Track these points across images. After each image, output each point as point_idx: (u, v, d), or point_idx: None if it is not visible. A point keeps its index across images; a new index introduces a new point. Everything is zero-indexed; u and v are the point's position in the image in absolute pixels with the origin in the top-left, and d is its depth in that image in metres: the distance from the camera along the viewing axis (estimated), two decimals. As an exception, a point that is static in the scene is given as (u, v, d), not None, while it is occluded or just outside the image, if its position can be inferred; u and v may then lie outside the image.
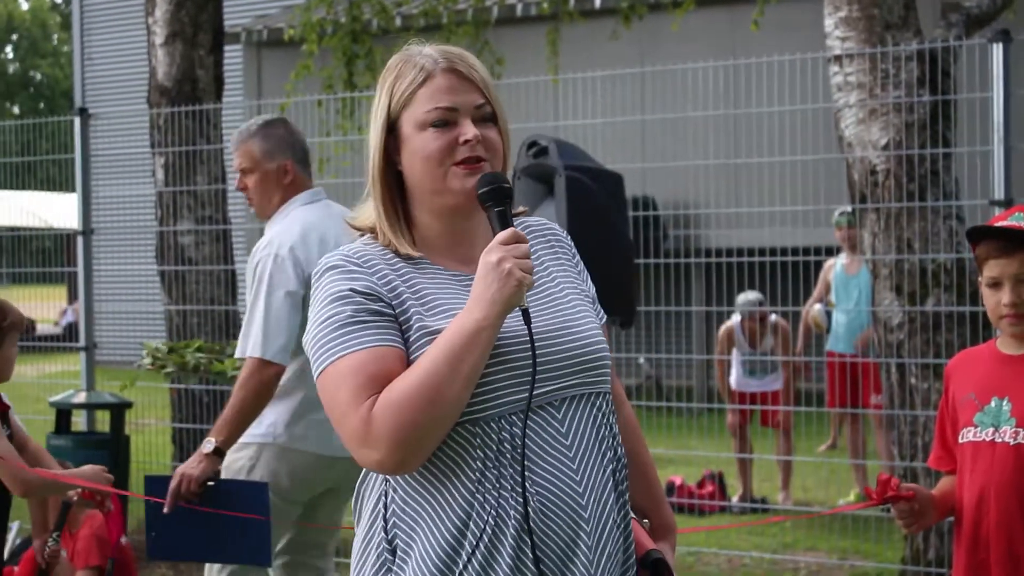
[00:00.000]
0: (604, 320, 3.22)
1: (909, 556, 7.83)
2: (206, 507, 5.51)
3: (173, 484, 5.50)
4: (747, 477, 11.37)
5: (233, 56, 20.18)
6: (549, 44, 14.67)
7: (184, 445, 9.88)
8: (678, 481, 11.03)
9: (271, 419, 5.78)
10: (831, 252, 11.41)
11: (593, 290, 3.25)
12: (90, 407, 9.88)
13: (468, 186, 3.02)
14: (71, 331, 17.55)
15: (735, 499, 11.24)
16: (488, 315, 2.88)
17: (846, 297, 11.30)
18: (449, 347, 2.87)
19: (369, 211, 3.14)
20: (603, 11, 17.51)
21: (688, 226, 14.25)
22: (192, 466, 5.53)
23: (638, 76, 15.28)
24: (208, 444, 5.55)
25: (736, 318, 11.44)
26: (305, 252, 5.72)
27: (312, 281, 3.08)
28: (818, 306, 11.68)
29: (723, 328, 11.59)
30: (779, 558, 9.17)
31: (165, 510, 5.52)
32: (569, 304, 3.11)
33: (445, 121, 3.03)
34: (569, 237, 3.29)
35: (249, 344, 5.63)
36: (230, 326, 10.08)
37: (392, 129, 3.07)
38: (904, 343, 7.75)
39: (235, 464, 5.82)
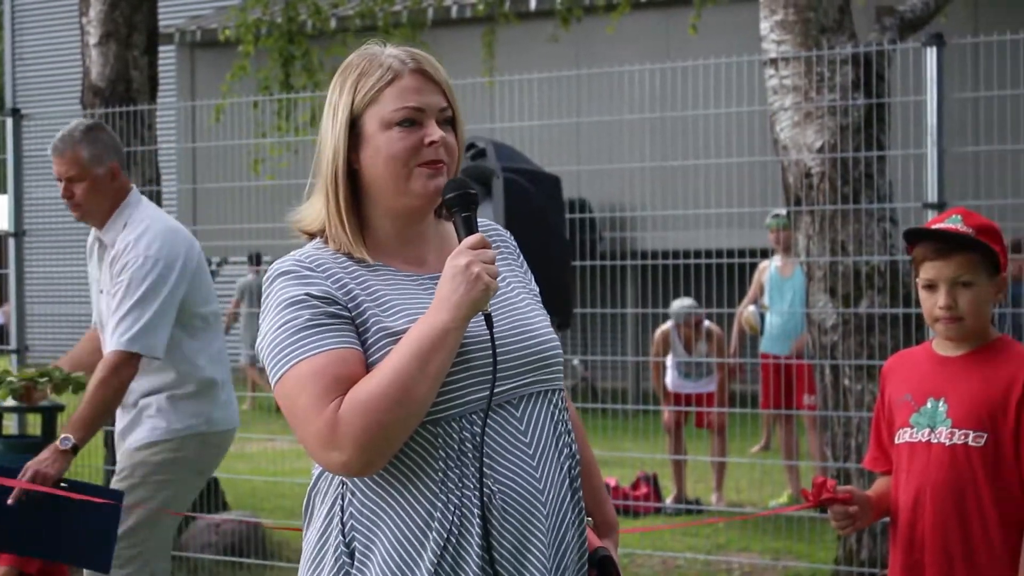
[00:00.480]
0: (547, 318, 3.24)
1: (842, 556, 7.88)
2: (55, 506, 5.52)
3: (26, 479, 5.51)
4: (681, 478, 11.41)
5: (166, 57, 20.07)
6: (485, 46, 14.68)
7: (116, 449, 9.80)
8: (612, 482, 11.05)
9: (192, 411, 5.91)
10: (766, 254, 11.46)
11: (537, 289, 3.27)
12: (21, 410, 9.79)
13: (430, 187, 3.03)
14: (1, 333, 17.41)
15: (669, 500, 11.28)
16: (455, 317, 2.90)
17: (780, 299, 11.35)
18: (417, 348, 2.88)
19: (315, 213, 3.12)
20: (538, 13, 17.54)
21: (622, 228, 14.28)
22: (47, 463, 5.55)
23: (573, 78, 15.30)
24: (65, 441, 5.59)
25: (672, 322, 11.49)
26: (170, 248, 5.86)
27: (263, 288, 3.07)
28: (751, 308, 11.73)
29: (659, 332, 11.64)
30: (713, 559, 9.20)
31: (9, 501, 5.51)
32: (523, 304, 3.14)
33: (412, 121, 3.03)
34: (512, 236, 3.30)
35: (115, 339, 5.73)
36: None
37: (352, 127, 3.06)
38: (838, 345, 7.79)
39: (154, 457, 5.90)
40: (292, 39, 14.00)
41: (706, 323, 11.48)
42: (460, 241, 2.99)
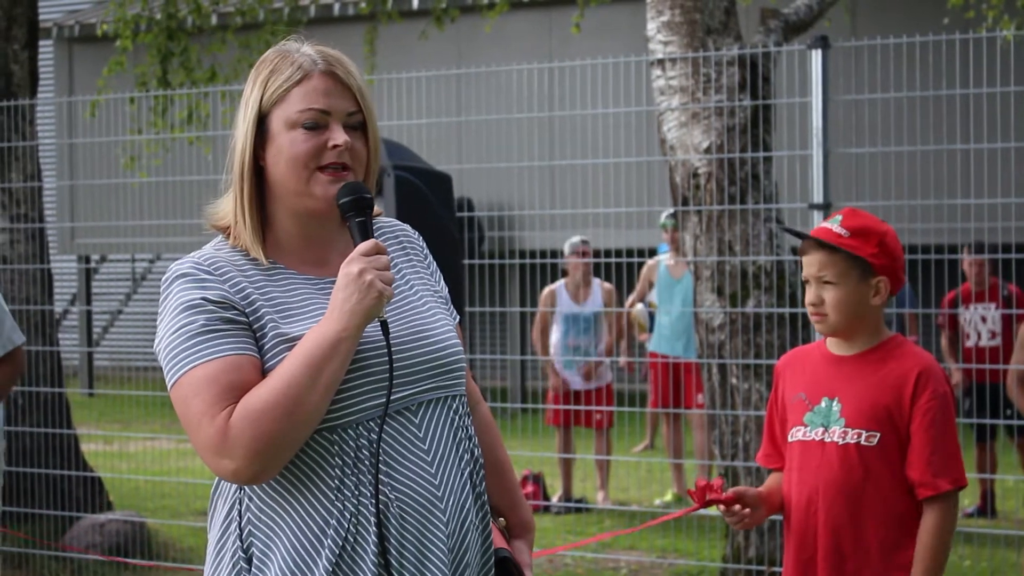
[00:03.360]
0: (457, 320, 3.23)
1: (730, 554, 7.94)
2: None
3: None
4: (568, 477, 11.42)
5: (44, 52, 19.83)
6: (367, 44, 14.63)
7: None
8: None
9: None
10: (653, 254, 11.50)
11: (446, 290, 3.25)
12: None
13: (330, 193, 3.00)
14: None
15: (555, 499, 11.30)
16: (348, 326, 2.89)
17: (669, 299, 11.37)
18: (309, 357, 2.87)
19: (227, 208, 3.09)
20: (421, 11, 17.51)
21: (505, 228, 14.30)
22: None
23: (455, 77, 15.31)
24: None
25: (560, 282, 11.38)
26: None
27: (161, 289, 3.04)
28: (639, 306, 11.76)
29: (546, 289, 11.47)
30: (600, 557, 9.24)
31: None
32: (425, 308, 3.11)
33: (316, 123, 3.00)
34: (420, 237, 3.28)
35: None
36: (46, 326, 9.91)
37: (261, 124, 3.03)
38: (725, 344, 7.85)
39: None
40: (171, 36, 13.85)
41: (596, 280, 11.35)
42: (355, 247, 2.97)
